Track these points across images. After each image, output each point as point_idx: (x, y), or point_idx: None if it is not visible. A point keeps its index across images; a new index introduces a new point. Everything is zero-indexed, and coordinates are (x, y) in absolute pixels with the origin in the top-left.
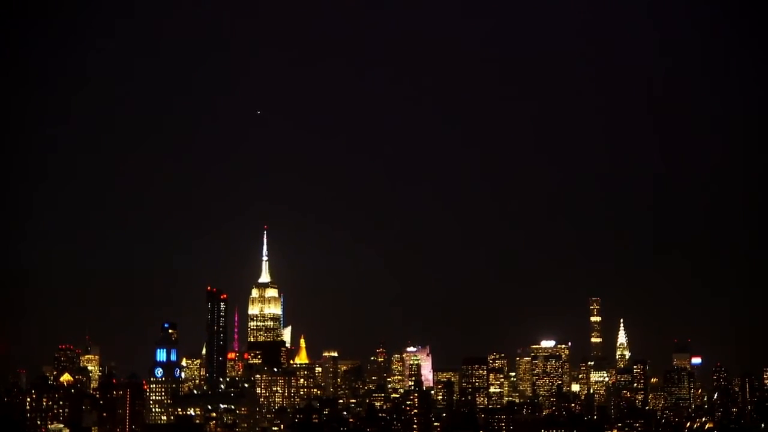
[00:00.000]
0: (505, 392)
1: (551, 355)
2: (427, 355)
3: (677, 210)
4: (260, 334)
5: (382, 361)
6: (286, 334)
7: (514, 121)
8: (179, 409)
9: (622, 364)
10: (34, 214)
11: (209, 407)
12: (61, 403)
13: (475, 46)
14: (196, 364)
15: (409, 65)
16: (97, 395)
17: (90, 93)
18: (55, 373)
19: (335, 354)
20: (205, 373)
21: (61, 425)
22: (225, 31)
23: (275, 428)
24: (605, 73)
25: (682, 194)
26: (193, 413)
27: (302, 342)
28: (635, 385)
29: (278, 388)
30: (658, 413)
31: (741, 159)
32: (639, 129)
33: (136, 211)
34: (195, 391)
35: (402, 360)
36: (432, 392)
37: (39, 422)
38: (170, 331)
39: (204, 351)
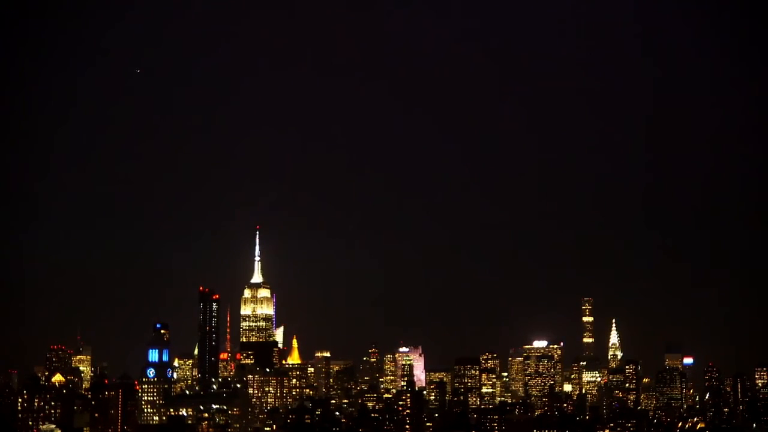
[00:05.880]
0: (498, 392)
1: (543, 355)
2: (420, 355)
3: (669, 210)
4: (252, 335)
5: (374, 362)
6: (279, 335)
7: (507, 122)
8: (171, 410)
9: (614, 364)
10: (29, 217)
11: (201, 408)
12: (52, 403)
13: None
14: (188, 365)
15: (406, 73)
16: (89, 396)
17: (89, 95)
18: (46, 373)
19: (327, 354)
20: (197, 374)
21: (53, 426)
22: (226, 33)
23: (267, 429)
24: (600, 72)
25: (673, 194)
26: (185, 414)
27: (294, 342)
28: (627, 385)
29: (270, 389)
30: (650, 413)
31: (736, 160)
32: (632, 129)
33: (128, 213)
34: (187, 392)
35: (394, 360)
36: (424, 392)
37: (30, 423)
38: (162, 331)
39: (196, 351)
